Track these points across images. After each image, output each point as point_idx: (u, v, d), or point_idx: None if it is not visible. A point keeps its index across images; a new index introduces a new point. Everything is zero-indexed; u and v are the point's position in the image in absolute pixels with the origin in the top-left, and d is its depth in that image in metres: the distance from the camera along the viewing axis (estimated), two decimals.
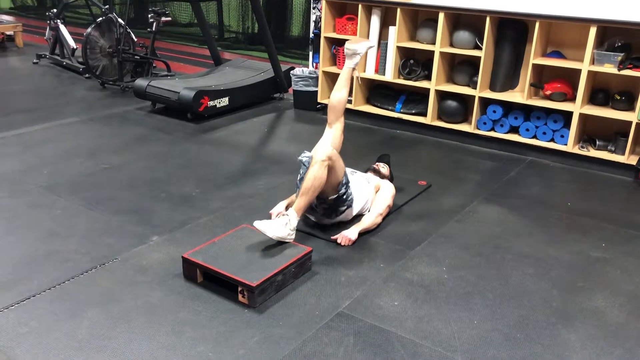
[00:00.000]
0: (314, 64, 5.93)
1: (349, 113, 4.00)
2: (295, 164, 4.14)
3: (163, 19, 6.44)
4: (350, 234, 3.13)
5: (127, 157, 4.37)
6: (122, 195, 3.70)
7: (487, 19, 4.51)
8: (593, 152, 4.40)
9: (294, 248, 2.85)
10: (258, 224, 2.83)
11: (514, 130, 4.75)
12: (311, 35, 5.89)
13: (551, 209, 3.70)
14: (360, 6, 5.06)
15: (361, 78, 5.28)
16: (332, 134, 3.40)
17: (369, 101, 5.43)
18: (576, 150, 4.44)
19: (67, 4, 7.30)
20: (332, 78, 5.49)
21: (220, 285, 2.70)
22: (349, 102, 4.89)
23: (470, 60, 4.89)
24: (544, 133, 4.58)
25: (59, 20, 7.10)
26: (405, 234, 3.31)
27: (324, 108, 5.58)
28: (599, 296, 2.76)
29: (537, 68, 4.54)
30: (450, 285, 2.81)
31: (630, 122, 4.19)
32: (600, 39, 4.27)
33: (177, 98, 5.19)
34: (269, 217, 3.34)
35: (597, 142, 4.42)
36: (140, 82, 5.51)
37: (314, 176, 2.91)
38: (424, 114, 5.06)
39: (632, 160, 4.22)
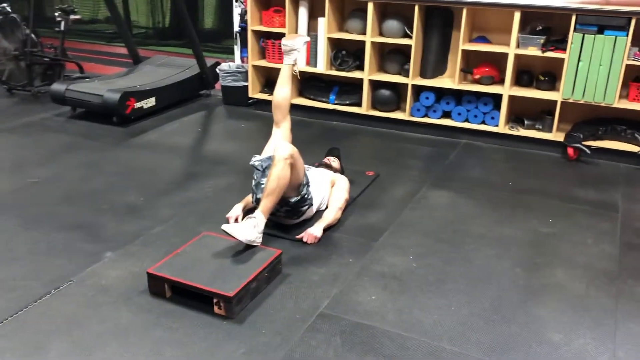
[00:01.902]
0: (242, 58, 5.79)
1: None
2: (238, 164, 4.07)
3: (72, 17, 6.02)
4: (315, 231, 3.09)
5: (56, 168, 4.07)
6: (61, 211, 3.44)
7: (416, 7, 4.59)
8: (522, 132, 4.62)
9: (263, 252, 2.78)
10: (227, 228, 2.73)
11: (446, 115, 4.88)
12: (237, 28, 5.73)
13: (494, 189, 3.86)
14: None
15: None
16: (281, 134, 3.35)
17: (302, 94, 5.38)
18: (506, 130, 4.65)
19: None
20: (262, 72, 5.39)
21: (190, 298, 2.57)
22: None
23: (400, 49, 4.96)
24: (475, 116, 4.75)
25: None
26: (365, 226, 3.31)
27: (256, 103, 5.47)
28: (558, 270, 2.90)
29: (465, 53, 4.69)
30: (420, 273, 2.86)
31: (555, 101, 4.43)
32: (523, 23, 4.47)
33: (102, 101, 4.89)
34: (227, 221, 3.23)
35: (526, 122, 4.64)
36: (58, 86, 5.13)
37: (278, 176, 2.84)
38: (359, 104, 5.09)
39: (559, 137, 4.48)
